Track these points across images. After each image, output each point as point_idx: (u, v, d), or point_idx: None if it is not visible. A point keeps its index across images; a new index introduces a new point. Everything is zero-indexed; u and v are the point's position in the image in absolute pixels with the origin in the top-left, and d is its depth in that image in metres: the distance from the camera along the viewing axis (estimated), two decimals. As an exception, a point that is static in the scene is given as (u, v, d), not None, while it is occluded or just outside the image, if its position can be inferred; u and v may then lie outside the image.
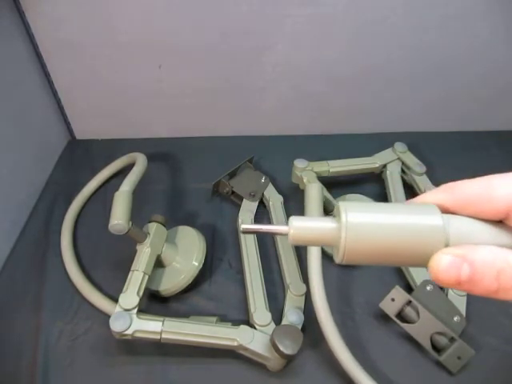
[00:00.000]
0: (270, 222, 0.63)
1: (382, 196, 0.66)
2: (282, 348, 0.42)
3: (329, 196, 0.59)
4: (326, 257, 0.58)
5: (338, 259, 0.18)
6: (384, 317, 0.50)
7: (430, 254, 0.17)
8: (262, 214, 0.64)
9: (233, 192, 0.65)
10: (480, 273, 0.15)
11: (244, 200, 0.64)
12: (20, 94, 0.65)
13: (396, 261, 0.18)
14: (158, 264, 0.53)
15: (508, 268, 0.15)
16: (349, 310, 0.53)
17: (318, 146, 0.75)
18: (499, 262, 0.15)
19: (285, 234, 0.19)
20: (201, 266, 0.53)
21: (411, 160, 0.67)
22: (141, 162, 0.61)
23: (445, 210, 0.18)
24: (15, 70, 0.64)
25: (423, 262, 0.17)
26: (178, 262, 0.54)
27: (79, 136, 0.80)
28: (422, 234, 0.17)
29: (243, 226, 0.20)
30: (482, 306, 0.51)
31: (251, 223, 0.61)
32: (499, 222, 0.18)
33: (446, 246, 0.17)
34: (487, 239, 0.18)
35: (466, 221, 0.18)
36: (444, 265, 0.16)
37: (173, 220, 0.58)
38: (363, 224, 0.17)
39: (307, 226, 0.19)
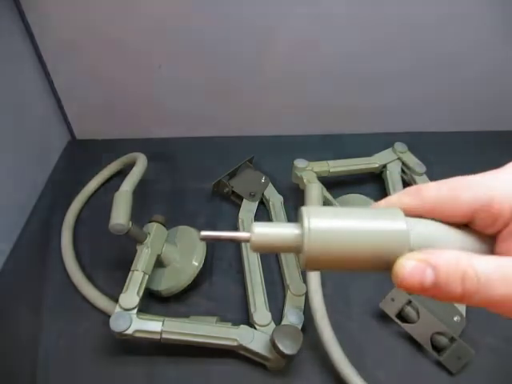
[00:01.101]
0: (270, 221, 0.63)
1: (382, 196, 0.66)
2: (282, 348, 0.42)
3: (329, 196, 0.59)
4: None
5: (301, 266, 0.18)
6: (384, 317, 0.50)
7: (394, 260, 0.17)
8: (262, 214, 0.64)
9: (233, 192, 0.65)
10: (444, 277, 0.15)
11: (244, 200, 0.64)
12: (20, 94, 0.65)
13: (361, 267, 0.18)
14: (158, 264, 0.53)
15: (472, 272, 0.15)
16: (348, 310, 0.53)
17: (318, 146, 0.75)
18: (463, 265, 0.15)
19: (246, 241, 0.18)
20: (201, 266, 0.53)
21: (411, 160, 0.67)
22: (141, 162, 0.61)
23: (411, 214, 0.18)
24: (15, 70, 0.64)
25: (388, 268, 0.17)
26: (177, 262, 0.54)
27: (79, 136, 0.80)
28: (386, 239, 0.17)
29: (202, 233, 0.19)
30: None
31: (251, 222, 0.61)
32: (465, 226, 0.18)
33: (410, 251, 0.17)
34: (452, 244, 0.18)
35: (430, 225, 0.18)
36: (407, 270, 0.16)
37: (173, 220, 0.58)
38: (326, 230, 0.17)
39: (269, 233, 0.18)
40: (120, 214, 0.49)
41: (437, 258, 0.16)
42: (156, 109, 0.76)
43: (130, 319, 0.45)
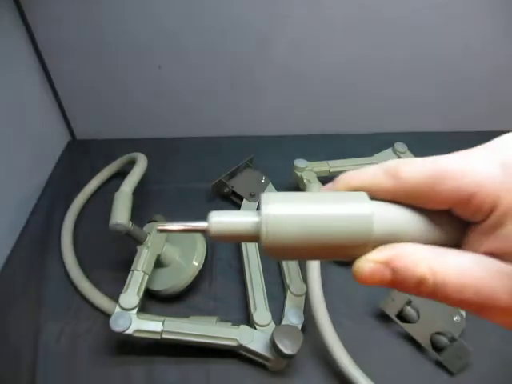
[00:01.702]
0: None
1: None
2: (282, 348, 0.42)
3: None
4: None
5: (262, 252, 0.17)
6: (384, 317, 0.50)
7: (356, 247, 0.16)
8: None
9: (233, 192, 0.65)
10: (401, 280, 0.16)
11: (244, 200, 0.64)
12: (20, 94, 0.65)
13: (323, 254, 0.17)
14: (158, 264, 0.53)
15: (430, 277, 0.15)
16: (349, 310, 0.53)
17: (318, 146, 0.75)
18: (421, 271, 0.15)
19: (204, 231, 0.18)
20: (201, 266, 0.53)
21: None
22: (141, 162, 0.61)
23: (383, 194, 0.17)
24: (16, 70, 0.64)
25: (351, 255, 0.17)
26: (177, 262, 0.54)
27: (79, 136, 0.80)
28: (348, 224, 0.16)
29: (158, 227, 0.19)
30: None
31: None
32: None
33: (374, 238, 0.16)
34: (417, 233, 0.17)
35: (397, 211, 0.17)
36: (366, 272, 0.16)
37: (173, 220, 0.57)
38: (284, 216, 0.16)
39: (228, 221, 0.17)
40: (120, 214, 0.49)
41: (396, 260, 0.16)
42: (156, 109, 0.76)
43: (130, 319, 0.45)
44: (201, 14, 0.63)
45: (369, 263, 0.16)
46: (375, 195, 0.17)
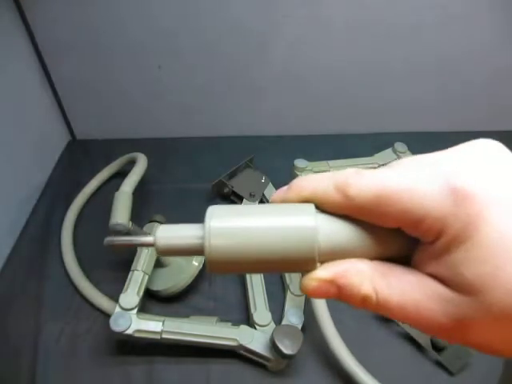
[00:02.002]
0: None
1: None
2: (282, 348, 0.42)
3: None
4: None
5: (207, 269, 0.17)
6: (384, 317, 0.50)
7: (302, 261, 0.16)
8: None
9: (233, 192, 0.65)
10: (346, 297, 0.16)
11: (244, 200, 0.64)
12: (20, 94, 0.65)
13: (269, 268, 0.17)
14: (158, 264, 0.53)
15: (372, 296, 0.15)
16: (349, 310, 0.53)
17: (318, 146, 0.75)
18: (364, 290, 0.16)
19: (151, 245, 0.17)
20: (201, 266, 0.53)
21: (411, 160, 0.67)
22: (141, 162, 0.61)
23: (333, 209, 0.17)
24: (16, 70, 0.64)
25: (298, 269, 0.17)
26: (177, 262, 0.54)
27: (79, 136, 0.80)
28: (291, 238, 0.16)
29: (106, 240, 0.18)
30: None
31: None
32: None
33: (317, 252, 0.16)
34: (365, 249, 0.17)
35: (345, 227, 0.16)
36: (311, 290, 0.16)
37: (173, 220, 0.57)
38: (227, 228, 0.16)
39: (173, 236, 0.17)
40: (120, 214, 0.49)
41: (342, 278, 0.16)
42: (156, 109, 0.76)
43: (130, 319, 0.45)
44: (200, 15, 0.63)
45: (313, 281, 0.16)
46: (326, 208, 0.17)
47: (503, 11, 0.63)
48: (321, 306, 0.46)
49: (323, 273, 0.16)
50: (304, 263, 0.16)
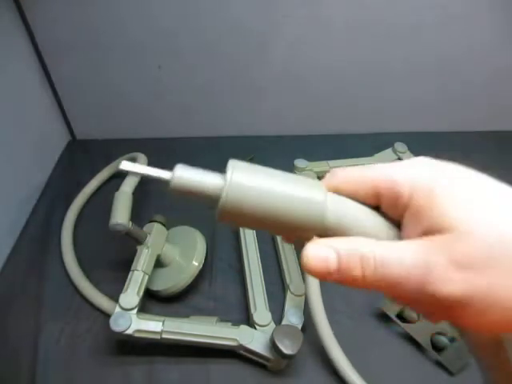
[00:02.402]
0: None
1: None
2: (282, 348, 0.42)
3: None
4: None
5: (216, 217, 0.17)
6: (384, 317, 0.50)
7: (307, 230, 0.17)
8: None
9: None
10: (345, 260, 0.16)
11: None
12: (20, 94, 0.65)
13: (275, 229, 0.18)
14: (158, 264, 0.53)
15: (370, 255, 0.16)
16: (349, 310, 0.53)
17: (318, 146, 0.75)
18: (362, 250, 0.16)
19: (166, 181, 0.17)
20: (201, 266, 0.53)
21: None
22: (141, 162, 0.61)
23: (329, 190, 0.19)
24: (16, 70, 0.64)
25: (301, 235, 0.18)
26: (177, 262, 0.54)
27: (79, 136, 0.80)
28: (303, 206, 0.17)
29: (122, 163, 0.18)
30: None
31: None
32: (376, 210, 0.19)
33: (323, 224, 0.17)
34: (363, 223, 0.18)
35: (348, 202, 0.18)
36: (312, 252, 0.17)
37: (173, 220, 0.58)
38: (246, 186, 0.17)
39: (191, 178, 0.17)
40: (120, 214, 0.49)
41: (341, 245, 0.17)
42: (156, 109, 0.76)
43: (130, 319, 0.45)
44: (200, 15, 0.63)
45: (316, 245, 0.17)
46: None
47: (503, 11, 0.63)
48: (318, 308, 0.46)
49: (325, 240, 0.17)
50: (309, 232, 0.17)
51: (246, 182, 0.17)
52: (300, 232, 0.17)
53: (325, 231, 0.17)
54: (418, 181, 0.17)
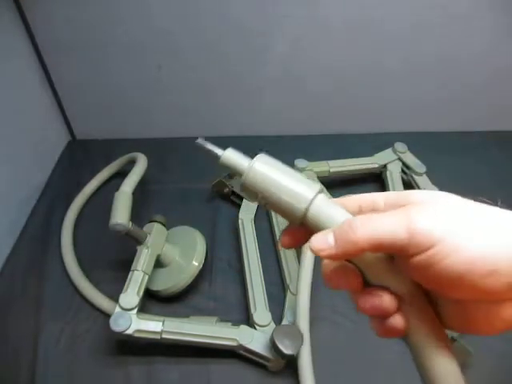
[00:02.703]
0: (270, 222, 0.63)
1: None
2: (282, 348, 0.42)
3: (329, 196, 0.59)
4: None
5: (241, 187, 0.24)
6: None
7: (293, 213, 0.23)
8: (262, 214, 0.64)
9: (233, 192, 0.65)
10: (338, 232, 0.21)
11: (244, 200, 0.64)
12: (20, 94, 0.65)
13: (274, 208, 0.24)
14: (158, 264, 0.53)
15: (357, 219, 0.20)
16: (349, 310, 0.53)
17: (318, 146, 0.75)
18: (350, 218, 0.21)
19: (215, 157, 0.26)
20: (201, 266, 0.53)
21: (411, 160, 0.67)
22: (141, 162, 0.61)
23: None
24: (15, 71, 0.64)
25: (290, 218, 0.23)
26: (177, 262, 0.54)
27: (79, 136, 0.80)
28: (294, 197, 0.23)
29: (198, 141, 0.27)
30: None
31: (251, 222, 0.61)
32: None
33: (306, 214, 0.22)
34: (338, 222, 0.22)
35: (332, 205, 0.23)
36: (314, 238, 0.21)
37: (173, 220, 0.58)
38: (260, 173, 0.24)
39: (232, 158, 0.26)
40: (120, 214, 0.49)
41: (334, 228, 0.21)
42: (156, 109, 0.76)
43: (130, 319, 0.45)
44: (200, 15, 0.63)
45: (317, 235, 0.21)
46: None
47: (503, 11, 0.63)
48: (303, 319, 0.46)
49: (324, 231, 0.21)
50: (294, 218, 0.23)
51: (262, 170, 0.24)
52: (289, 215, 0.23)
53: (307, 221, 0.23)
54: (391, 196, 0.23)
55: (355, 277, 0.22)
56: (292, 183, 0.23)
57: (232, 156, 0.26)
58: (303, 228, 0.23)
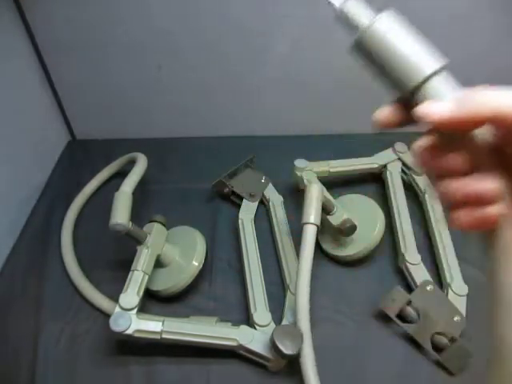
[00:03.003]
0: (270, 222, 0.63)
1: (382, 196, 0.66)
2: (282, 348, 0.42)
3: (329, 196, 0.59)
4: (327, 257, 0.59)
5: (351, 44, 0.24)
6: (384, 317, 0.50)
7: (407, 83, 0.22)
8: (262, 214, 0.64)
9: (233, 192, 0.65)
10: (460, 98, 0.20)
11: (244, 200, 0.64)
12: (20, 94, 0.65)
13: (381, 75, 0.23)
14: (158, 264, 0.53)
15: (476, 88, 0.19)
16: (349, 310, 0.53)
17: (318, 146, 0.75)
18: (469, 91, 0.20)
19: (333, 5, 0.26)
20: (201, 266, 0.53)
21: (411, 160, 0.67)
22: (141, 162, 0.61)
23: None
24: (15, 71, 0.64)
25: (401, 87, 0.23)
26: (177, 262, 0.54)
27: (79, 136, 0.80)
28: (414, 66, 0.22)
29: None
30: (481, 305, 0.51)
31: (251, 222, 0.61)
32: None
33: (419, 84, 0.22)
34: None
35: (456, 86, 0.22)
36: (429, 102, 0.21)
37: (173, 220, 0.58)
38: (386, 31, 0.22)
39: (353, 8, 0.24)
40: (120, 214, 0.49)
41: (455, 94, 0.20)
42: (156, 109, 0.76)
43: (130, 319, 0.45)
44: (200, 15, 0.63)
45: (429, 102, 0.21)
46: None
47: (503, 11, 0.63)
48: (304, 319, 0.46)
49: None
50: (407, 86, 0.22)
51: (389, 27, 0.22)
52: (397, 83, 0.22)
53: (420, 93, 0.21)
54: None
55: (460, 156, 0.21)
56: (413, 52, 0.22)
57: (353, 5, 0.24)
58: (404, 107, 0.23)
